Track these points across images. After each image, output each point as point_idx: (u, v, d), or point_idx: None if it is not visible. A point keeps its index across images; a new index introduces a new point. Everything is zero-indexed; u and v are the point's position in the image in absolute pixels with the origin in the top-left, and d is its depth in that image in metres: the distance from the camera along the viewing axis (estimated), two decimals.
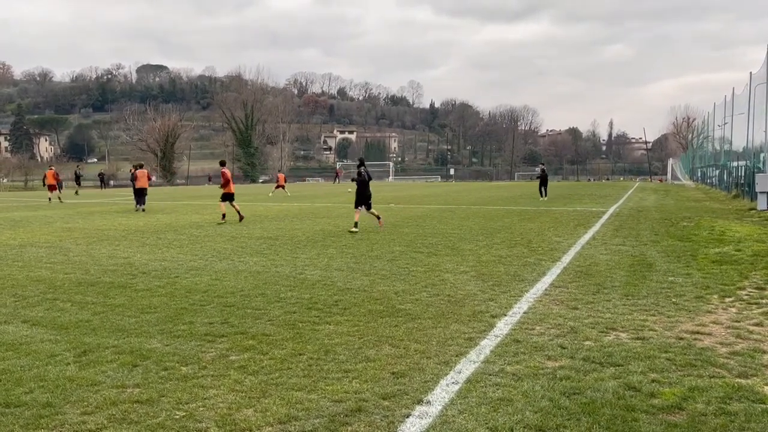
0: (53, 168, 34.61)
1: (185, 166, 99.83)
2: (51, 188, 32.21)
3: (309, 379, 4.49)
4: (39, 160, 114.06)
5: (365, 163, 15.97)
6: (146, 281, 8.53)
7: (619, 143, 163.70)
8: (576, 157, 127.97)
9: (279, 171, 43.31)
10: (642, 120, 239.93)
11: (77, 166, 60.25)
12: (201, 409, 3.97)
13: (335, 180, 73.90)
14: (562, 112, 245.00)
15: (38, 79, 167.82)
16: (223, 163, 20.12)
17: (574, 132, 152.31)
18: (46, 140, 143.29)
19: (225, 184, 18.60)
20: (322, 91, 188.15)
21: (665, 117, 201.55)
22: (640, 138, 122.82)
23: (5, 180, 79.57)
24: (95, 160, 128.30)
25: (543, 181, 29.28)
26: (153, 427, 3.70)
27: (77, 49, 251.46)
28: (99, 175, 66.01)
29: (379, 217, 15.29)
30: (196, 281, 8.48)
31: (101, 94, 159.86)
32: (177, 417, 3.84)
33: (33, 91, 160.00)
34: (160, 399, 4.14)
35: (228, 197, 18.39)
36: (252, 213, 21.40)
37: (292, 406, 3.98)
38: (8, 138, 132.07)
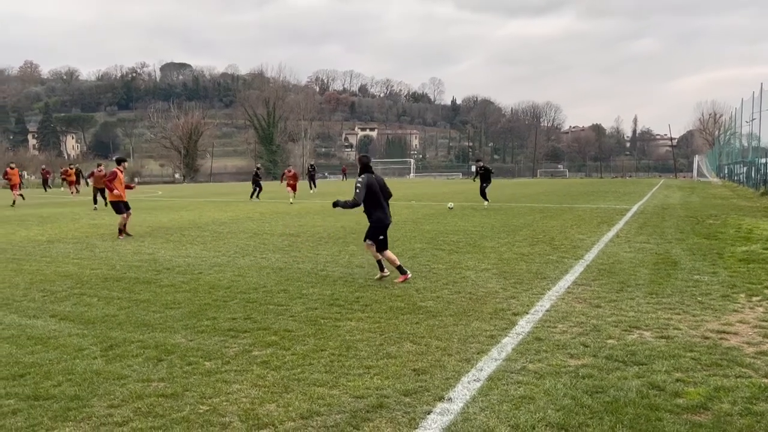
0: (74, 167, 37.17)
1: (208, 164, 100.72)
2: (70, 184, 36.51)
3: (330, 375, 4.52)
4: (66, 157, 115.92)
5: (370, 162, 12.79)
6: (170, 277, 8.65)
7: (644, 140, 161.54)
8: (599, 154, 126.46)
9: (288, 167, 31.12)
10: (667, 116, 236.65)
11: (97, 166, 60.59)
12: (224, 403, 4.02)
13: (343, 177, 74.01)
14: (585, 108, 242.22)
15: (65, 77, 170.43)
16: (119, 161, 14.79)
17: (597, 128, 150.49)
18: (72, 138, 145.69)
19: (110, 188, 14.06)
20: (344, 88, 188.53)
21: (691, 113, 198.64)
22: (665, 134, 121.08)
23: (33, 177, 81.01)
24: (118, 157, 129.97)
25: (484, 178, 23.49)
26: (177, 420, 3.76)
27: (102, 47, 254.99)
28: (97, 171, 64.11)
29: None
30: (219, 277, 8.57)
31: (126, 93, 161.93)
32: (201, 411, 3.90)
33: (60, 90, 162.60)
34: (185, 393, 4.20)
35: (118, 207, 13.98)
36: (273, 210, 21.53)
37: (314, 402, 4.01)
38: (36, 136, 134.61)
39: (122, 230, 13.76)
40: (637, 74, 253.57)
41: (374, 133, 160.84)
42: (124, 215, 13.90)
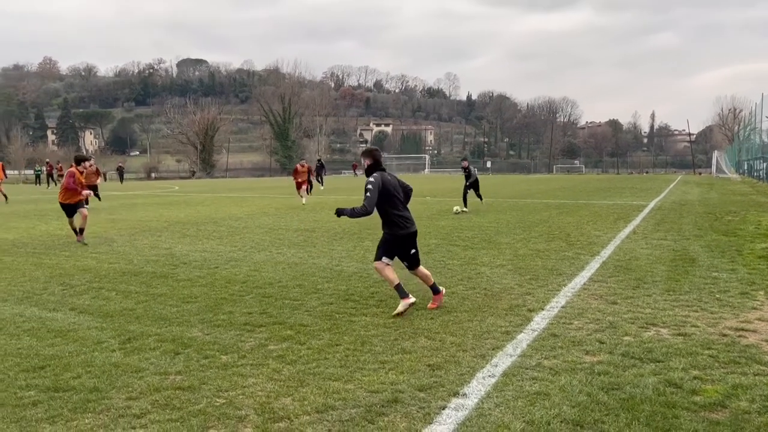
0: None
1: (224, 159, 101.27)
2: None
3: (346, 370, 4.54)
4: (84, 152, 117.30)
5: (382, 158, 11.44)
6: (187, 271, 8.72)
7: (662, 135, 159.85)
8: (616, 150, 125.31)
9: (301, 160, 27.19)
10: (686, 111, 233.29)
11: (119, 165, 60.85)
12: (240, 396, 4.06)
13: (354, 173, 73.93)
14: (602, 103, 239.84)
15: (83, 74, 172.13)
16: (78, 160, 12.92)
17: (614, 124, 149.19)
18: (91, 133, 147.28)
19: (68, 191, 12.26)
20: (359, 84, 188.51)
21: (710, 108, 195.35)
22: (683, 130, 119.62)
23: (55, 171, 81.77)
24: (137, 152, 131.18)
25: (473, 182, 19.86)
26: (194, 413, 3.80)
27: (119, 44, 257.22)
28: (118, 168, 60.38)
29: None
30: (236, 272, 8.63)
31: (143, 88, 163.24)
32: (217, 404, 3.94)
33: (78, 86, 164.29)
34: (201, 386, 4.24)
35: (69, 210, 12.29)
36: (288, 205, 21.62)
37: (329, 396, 4.03)
38: (55, 131, 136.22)
39: (78, 232, 12.09)
40: (655, 69, 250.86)
41: (389, 129, 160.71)
42: (76, 218, 12.11)
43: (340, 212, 6.23)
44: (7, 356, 4.96)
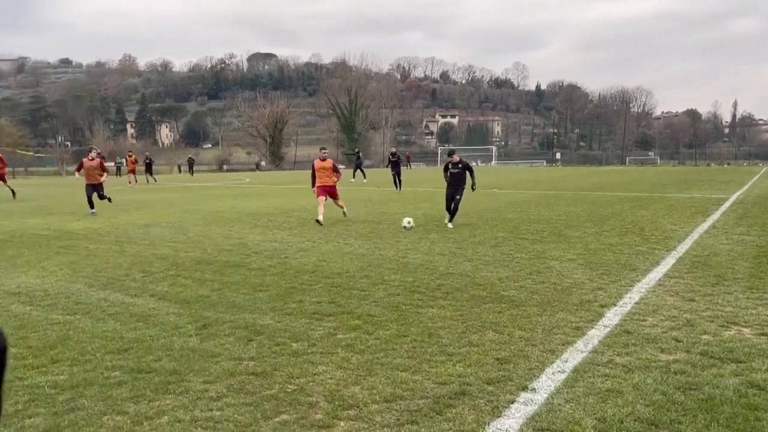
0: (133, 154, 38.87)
1: (292, 152, 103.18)
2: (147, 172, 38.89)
3: (413, 361, 4.57)
4: (160, 145, 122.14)
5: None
6: (259, 261, 8.98)
7: (744, 125, 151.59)
8: (694, 141, 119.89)
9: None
10: None
11: (189, 157, 62.37)
12: (311, 384, 4.16)
13: (407, 165, 73.00)
14: (679, 92, 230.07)
15: (160, 69, 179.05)
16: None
17: (692, 113, 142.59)
18: (166, 127, 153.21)
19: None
20: (425, 75, 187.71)
21: None
22: None
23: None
24: (209, 145, 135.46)
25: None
26: (267, 398, 3.93)
27: (193, 39, 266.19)
28: (188, 160, 59.95)
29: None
30: (305, 262, 8.82)
31: (215, 83, 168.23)
32: (289, 390, 4.05)
33: (155, 81, 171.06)
34: (274, 372, 4.38)
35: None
36: (356, 198, 21.81)
37: (398, 386, 4.08)
38: (134, 125, 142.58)
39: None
40: (737, 55, 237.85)
41: (455, 120, 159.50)
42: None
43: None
44: (94, 338, 5.27)
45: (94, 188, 16.94)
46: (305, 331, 5.40)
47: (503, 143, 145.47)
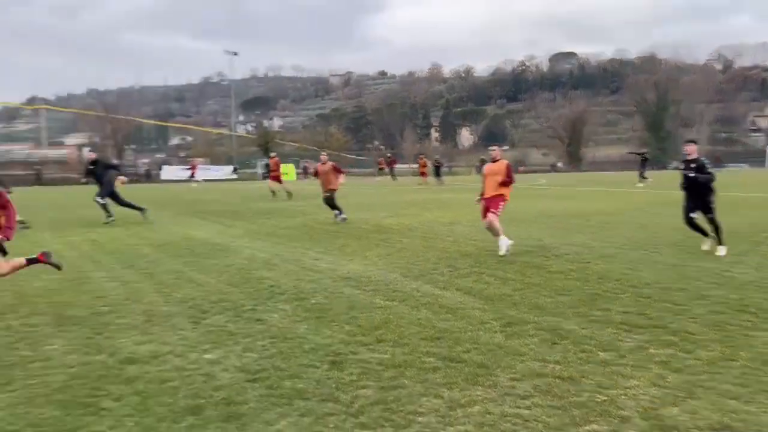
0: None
1: (591, 152, 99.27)
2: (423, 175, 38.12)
3: (745, 389, 4.03)
4: (460, 147, 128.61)
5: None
6: (559, 264, 8.85)
7: None
8: None
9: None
10: None
11: (435, 158, 48.38)
12: (622, 397, 3.96)
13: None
14: None
15: (462, 75, 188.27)
16: None
17: None
18: (467, 130, 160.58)
19: None
20: (754, 65, 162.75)
21: None
22: None
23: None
24: (507, 147, 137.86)
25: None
26: (576, 404, 3.85)
27: (494, 43, 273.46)
28: (434, 162, 42.43)
29: None
30: (608, 268, 8.41)
31: (514, 85, 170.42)
32: (598, 400, 3.91)
33: (458, 87, 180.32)
34: (581, 379, 4.27)
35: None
36: (662, 201, 20.03)
37: (725, 414, 3.64)
38: (437, 129, 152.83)
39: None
40: None
41: None
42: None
43: None
44: (410, 325, 5.78)
45: (328, 193, 15.33)
46: (613, 341, 5.15)
47: None
